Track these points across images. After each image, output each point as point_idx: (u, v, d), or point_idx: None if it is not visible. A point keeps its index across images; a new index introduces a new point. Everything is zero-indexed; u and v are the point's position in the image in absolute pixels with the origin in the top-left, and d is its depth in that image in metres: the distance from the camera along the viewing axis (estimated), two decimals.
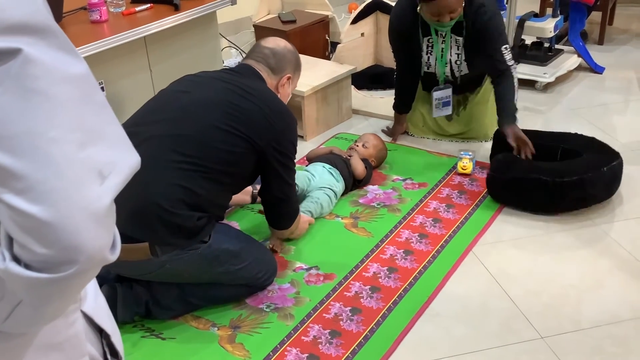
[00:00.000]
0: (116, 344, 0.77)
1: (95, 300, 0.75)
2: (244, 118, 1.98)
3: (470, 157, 2.84)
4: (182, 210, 1.87)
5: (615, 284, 2.17)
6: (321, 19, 3.93)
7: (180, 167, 1.89)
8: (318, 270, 2.29)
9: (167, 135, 1.94)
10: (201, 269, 1.97)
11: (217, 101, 1.99)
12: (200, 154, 1.91)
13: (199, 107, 1.97)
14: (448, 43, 2.86)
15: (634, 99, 3.53)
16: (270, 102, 2.06)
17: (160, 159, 1.89)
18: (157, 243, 1.84)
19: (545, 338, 1.95)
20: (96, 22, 2.47)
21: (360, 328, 2.01)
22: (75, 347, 0.68)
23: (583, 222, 2.48)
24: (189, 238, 1.88)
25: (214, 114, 1.96)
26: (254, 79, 2.12)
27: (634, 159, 2.89)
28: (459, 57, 2.88)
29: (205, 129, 1.94)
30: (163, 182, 1.87)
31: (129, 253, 1.82)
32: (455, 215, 2.56)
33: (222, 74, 2.15)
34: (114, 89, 2.42)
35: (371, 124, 3.37)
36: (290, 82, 2.24)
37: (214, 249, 1.95)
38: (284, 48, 2.22)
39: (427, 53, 2.94)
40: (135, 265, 1.89)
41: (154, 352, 1.97)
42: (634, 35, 4.46)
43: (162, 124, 1.96)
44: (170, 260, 1.88)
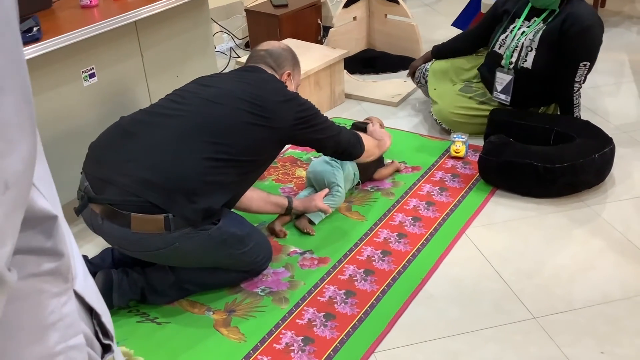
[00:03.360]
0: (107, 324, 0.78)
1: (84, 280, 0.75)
2: (264, 107, 2.05)
3: (463, 140, 2.84)
4: (207, 191, 1.91)
5: (607, 264, 2.18)
6: (313, 3, 3.92)
7: (211, 150, 1.94)
8: (312, 254, 2.30)
9: (200, 114, 2.00)
10: (207, 251, 1.98)
11: (238, 93, 2.07)
12: (229, 140, 1.97)
13: (225, 97, 2.05)
14: (532, 28, 2.77)
15: (626, 81, 3.54)
16: (278, 91, 2.15)
17: (193, 138, 1.95)
18: (175, 214, 1.86)
19: (537, 318, 1.97)
20: (86, 7, 2.45)
21: (355, 311, 2.03)
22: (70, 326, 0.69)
23: (575, 204, 2.49)
24: (203, 218, 1.91)
25: (239, 103, 2.03)
26: (261, 73, 2.22)
27: (626, 141, 2.90)
28: (531, 44, 2.74)
29: (232, 117, 2.00)
30: (194, 159, 1.92)
31: (144, 224, 1.85)
32: (448, 198, 2.57)
33: (234, 72, 2.25)
34: (105, 74, 2.41)
35: (364, 108, 3.37)
36: (291, 78, 2.31)
37: (223, 232, 1.97)
38: (278, 48, 2.33)
39: (509, 32, 2.85)
40: (145, 240, 1.89)
41: (149, 337, 1.98)
42: (626, 18, 4.46)
43: (194, 101, 2.05)
44: (180, 238, 1.89)
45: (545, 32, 2.72)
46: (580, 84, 2.73)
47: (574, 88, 2.73)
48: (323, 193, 2.42)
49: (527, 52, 2.76)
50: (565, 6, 2.71)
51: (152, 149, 1.93)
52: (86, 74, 2.35)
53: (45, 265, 0.64)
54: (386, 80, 3.65)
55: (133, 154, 1.93)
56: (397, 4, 3.80)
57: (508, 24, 2.86)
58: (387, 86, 3.55)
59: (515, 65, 2.80)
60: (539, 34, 2.73)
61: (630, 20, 4.40)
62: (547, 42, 2.71)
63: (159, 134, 1.96)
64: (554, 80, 2.76)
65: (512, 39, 2.82)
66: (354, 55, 3.86)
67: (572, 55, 2.69)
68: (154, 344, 1.96)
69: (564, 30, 2.67)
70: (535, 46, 2.74)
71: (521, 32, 2.80)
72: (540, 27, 2.75)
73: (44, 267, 0.64)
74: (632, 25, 4.32)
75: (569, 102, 2.77)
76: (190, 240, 1.91)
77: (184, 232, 1.89)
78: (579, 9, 2.68)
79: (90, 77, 2.37)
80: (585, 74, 2.71)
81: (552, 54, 2.72)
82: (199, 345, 1.94)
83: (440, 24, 4.36)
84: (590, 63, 2.71)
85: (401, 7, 3.79)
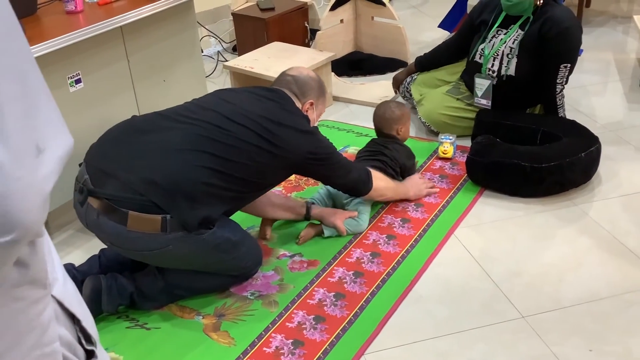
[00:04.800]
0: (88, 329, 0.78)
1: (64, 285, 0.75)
2: (277, 134, 2.05)
3: (451, 141, 2.85)
4: (210, 201, 1.93)
5: (595, 263, 2.20)
6: (300, 6, 3.92)
7: (216, 164, 1.94)
8: (302, 257, 2.30)
9: (212, 128, 1.99)
10: (200, 254, 1.97)
11: (254, 115, 2.06)
12: (234, 159, 1.97)
13: (240, 117, 2.04)
14: (510, 35, 2.78)
15: (612, 80, 3.57)
16: (297, 121, 2.15)
17: (201, 148, 1.95)
18: (174, 217, 1.86)
19: (526, 317, 1.98)
20: (71, 12, 2.44)
21: (344, 313, 2.03)
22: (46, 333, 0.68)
23: (563, 203, 2.51)
24: (200, 224, 1.92)
25: (251, 125, 2.03)
26: (283, 100, 2.21)
27: (612, 139, 2.92)
28: (511, 51, 2.76)
29: (241, 138, 2.00)
30: (201, 169, 1.92)
31: (140, 223, 1.85)
32: (436, 199, 2.57)
33: (258, 92, 2.21)
34: (91, 79, 2.40)
35: (352, 111, 3.37)
36: (314, 107, 2.31)
37: (217, 237, 1.97)
38: (306, 76, 2.32)
39: (488, 41, 2.85)
40: (139, 240, 1.89)
41: (139, 343, 1.97)
42: (611, 17, 4.49)
43: (210, 114, 2.04)
44: (174, 240, 1.89)
45: (525, 38, 2.73)
46: (563, 85, 2.75)
47: (556, 90, 2.75)
48: (348, 214, 2.40)
49: (509, 59, 2.77)
50: (542, 10, 2.73)
51: (161, 151, 1.93)
52: (72, 80, 2.34)
53: (23, 272, 0.64)
54: (374, 82, 3.66)
55: (141, 152, 1.93)
56: (383, 6, 3.81)
57: (487, 33, 2.88)
58: (374, 88, 3.56)
59: (498, 73, 2.81)
60: (518, 41, 2.75)
61: (615, 20, 4.43)
62: (527, 48, 2.73)
63: (170, 138, 1.96)
64: (537, 84, 2.78)
65: (490, 48, 2.83)
66: (341, 58, 3.86)
67: (552, 58, 2.71)
68: (144, 349, 1.95)
69: (543, 34, 2.69)
70: (516, 53, 2.75)
71: (499, 39, 2.81)
72: (518, 33, 2.76)
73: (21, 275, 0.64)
74: (617, 24, 4.35)
75: (552, 104, 2.79)
76: (184, 243, 1.90)
77: (178, 235, 1.88)
78: (556, 12, 2.71)
79: (76, 83, 2.36)
80: (566, 75, 2.73)
81: (534, 59, 2.74)
82: (188, 351, 1.93)
83: (427, 26, 4.38)
84: (571, 64, 2.73)
85: (388, 9, 3.80)
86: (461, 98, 2.99)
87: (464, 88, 3.01)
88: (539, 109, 2.94)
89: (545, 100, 2.81)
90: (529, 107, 2.92)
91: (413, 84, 3.21)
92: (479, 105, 2.91)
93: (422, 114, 3.04)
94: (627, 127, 3.05)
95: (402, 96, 3.30)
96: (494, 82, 2.82)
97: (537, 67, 2.74)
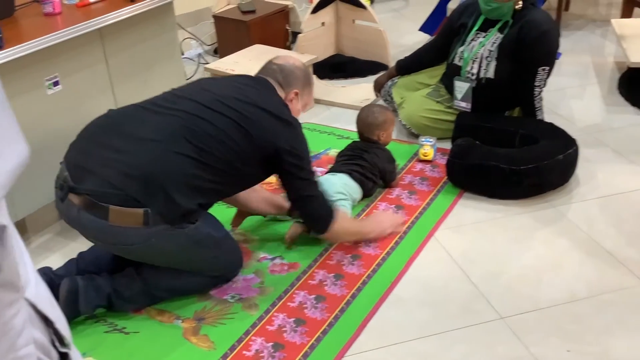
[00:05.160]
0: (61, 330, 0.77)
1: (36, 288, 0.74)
2: (255, 122, 2.02)
3: (431, 143, 2.87)
4: (187, 192, 1.91)
5: (572, 264, 2.22)
6: (281, 8, 3.93)
7: (194, 154, 1.93)
8: (282, 260, 2.30)
9: (190, 117, 1.97)
10: (181, 250, 1.97)
11: (233, 103, 2.04)
12: (211, 148, 1.95)
13: (218, 105, 2.01)
14: (489, 38, 2.80)
15: (590, 83, 3.61)
16: (276, 108, 2.11)
17: (179, 139, 1.93)
18: (153, 210, 1.86)
19: (505, 318, 1.99)
20: (49, 14, 2.42)
21: (325, 315, 2.03)
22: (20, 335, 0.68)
23: (541, 205, 2.53)
24: (182, 216, 1.91)
25: (229, 113, 2.01)
26: (265, 89, 2.18)
27: (590, 142, 2.95)
28: (490, 54, 2.78)
29: (219, 126, 1.98)
30: (179, 159, 1.91)
31: (122, 217, 1.85)
32: (417, 202, 2.58)
33: (240, 80, 2.19)
34: (70, 82, 2.38)
35: (334, 113, 3.38)
36: (298, 97, 2.26)
37: (199, 232, 1.97)
38: (292, 65, 2.27)
39: (467, 44, 2.87)
40: (121, 234, 1.88)
41: (117, 347, 1.95)
42: (589, 21, 4.54)
43: (187, 103, 2.02)
44: (157, 234, 1.89)
45: (504, 42, 2.76)
46: (541, 88, 2.78)
47: (534, 92, 2.77)
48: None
49: (488, 62, 2.80)
50: (521, 14, 2.75)
51: (137, 144, 1.92)
52: (50, 82, 2.32)
53: None
54: (355, 85, 3.67)
55: (119, 146, 1.92)
56: (364, 10, 3.82)
57: (466, 36, 2.90)
58: (356, 91, 3.57)
59: (477, 76, 2.83)
60: (497, 44, 2.77)
61: (594, 24, 4.48)
62: (506, 51, 2.76)
63: (146, 129, 1.95)
64: (515, 87, 2.80)
65: (469, 51, 2.85)
66: (322, 61, 3.87)
67: (531, 61, 2.73)
68: (122, 354, 1.93)
69: (521, 37, 2.72)
70: (495, 56, 2.77)
71: (478, 42, 2.83)
72: (497, 37, 2.79)
73: None
74: (595, 28, 4.41)
75: (531, 106, 2.81)
76: (166, 237, 1.90)
77: (160, 229, 1.88)
78: (534, 16, 2.73)
79: (54, 85, 2.34)
80: (545, 78, 2.76)
81: (513, 62, 2.76)
82: (167, 355, 1.92)
83: (408, 29, 4.40)
84: (550, 67, 2.76)
85: (369, 12, 3.82)
86: (441, 101, 3.00)
87: (443, 91, 3.03)
88: (517, 112, 2.96)
89: (524, 103, 2.84)
90: (508, 109, 2.94)
91: (394, 87, 3.22)
92: (458, 108, 2.93)
93: (402, 116, 3.06)
94: (605, 129, 3.09)
95: (384, 99, 3.32)
96: (473, 85, 2.84)
97: (515, 70, 2.77)
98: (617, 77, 3.62)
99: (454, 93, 2.92)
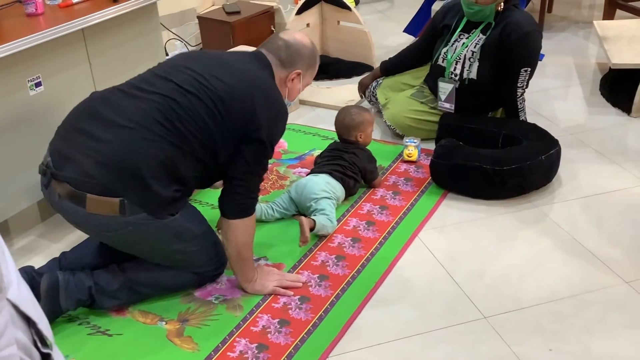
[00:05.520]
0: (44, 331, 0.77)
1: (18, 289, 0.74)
2: (232, 110, 1.95)
3: (415, 144, 2.88)
4: (162, 178, 1.89)
5: (555, 264, 2.24)
6: (266, 9, 3.92)
7: (169, 139, 1.90)
8: (267, 261, 2.30)
9: (166, 98, 1.93)
10: (160, 240, 1.96)
11: (211, 83, 1.96)
12: (186, 132, 1.91)
13: (193, 86, 1.95)
14: (472, 39, 2.81)
15: (573, 85, 3.64)
16: (262, 95, 2.00)
17: (153, 121, 1.90)
18: (129, 201, 1.85)
19: (487, 318, 2.00)
20: (32, 15, 2.40)
21: (309, 316, 2.03)
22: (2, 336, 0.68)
23: (524, 205, 2.55)
24: (159, 205, 1.90)
25: (204, 94, 1.94)
26: (259, 69, 2.06)
27: (572, 143, 2.98)
28: (473, 55, 2.80)
29: (192, 108, 1.93)
30: (152, 145, 1.88)
31: (99, 205, 1.85)
32: (401, 202, 2.59)
33: (233, 57, 2.09)
34: (52, 83, 2.36)
35: (318, 114, 3.38)
36: (300, 77, 2.15)
37: (179, 224, 1.96)
38: (299, 42, 2.13)
39: (450, 45, 2.88)
40: (99, 221, 1.89)
41: (100, 349, 1.94)
42: (572, 22, 4.59)
43: (164, 84, 1.96)
44: (135, 223, 1.88)
45: (486, 43, 2.78)
46: (523, 89, 2.80)
47: (517, 93, 2.80)
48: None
49: (471, 63, 2.81)
50: (503, 15, 2.77)
51: (113, 131, 1.90)
52: (32, 83, 2.31)
53: None
54: (340, 86, 3.68)
55: (96, 133, 1.91)
56: (349, 11, 3.83)
57: (449, 37, 2.92)
58: (341, 92, 3.58)
59: (460, 77, 2.85)
60: (480, 45, 2.79)
61: (577, 25, 4.53)
62: (488, 52, 2.78)
63: (122, 116, 1.91)
64: (498, 87, 2.82)
65: (452, 52, 2.87)
66: None
67: (513, 62, 2.75)
68: (106, 356, 1.92)
69: (503, 38, 2.74)
70: (478, 57, 2.79)
71: (461, 43, 2.85)
72: (480, 38, 2.81)
73: None
74: (578, 30, 4.45)
75: (513, 107, 2.84)
76: (144, 226, 1.90)
77: (139, 218, 1.88)
78: (516, 17, 2.75)
79: (36, 86, 2.32)
80: (527, 79, 2.78)
81: (495, 63, 2.78)
82: (151, 357, 1.91)
83: (392, 31, 4.42)
84: (531, 68, 2.78)
85: (353, 13, 3.83)
86: (425, 101, 3.02)
87: (427, 92, 3.04)
88: (500, 113, 2.98)
89: (507, 104, 2.86)
90: (491, 110, 2.96)
91: (379, 88, 3.23)
92: (442, 109, 2.95)
93: (387, 117, 3.07)
94: (587, 130, 3.12)
95: (368, 100, 3.33)
96: (457, 86, 2.86)
97: (498, 71, 2.79)
98: (599, 78, 3.66)
99: (438, 94, 2.94)
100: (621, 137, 3.06)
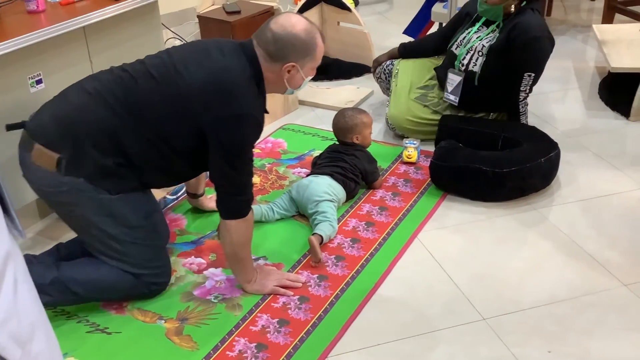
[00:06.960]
0: None
1: None
2: (189, 107, 1.93)
3: (415, 146, 2.88)
4: (102, 145, 1.93)
5: (554, 266, 2.24)
6: (266, 9, 3.92)
7: (123, 111, 1.95)
8: (266, 260, 2.29)
9: (132, 77, 1.99)
10: (93, 215, 1.96)
11: (179, 73, 1.95)
12: (142, 116, 1.95)
13: (160, 73, 1.98)
14: (486, 34, 2.82)
15: (571, 88, 3.65)
16: (226, 88, 1.92)
17: (111, 94, 1.96)
18: (65, 159, 1.91)
19: (487, 319, 2.00)
20: (33, 12, 2.40)
21: (308, 316, 2.03)
22: None
23: (523, 207, 2.55)
24: (96, 173, 1.93)
25: (167, 82, 1.96)
26: (240, 61, 1.97)
27: (571, 145, 2.98)
28: (482, 49, 2.80)
29: (152, 94, 1.96)
30: (102, 112, 1.94)
31: (41, 156, 1.93)
32: (401, 203, 2.60)
33: (223, 47, 2.01)
34: (53, 80, 2.36)
35: (318, 115, 3.38)
36: (297, 69, 2.00)
37: (114, 205, 1.97)
38: (289, 33, 1.94)
39: (468, 34, 2.90)
40: (39, 172, 1.95)
41: (99, 347, 1.94)
42: (571, 26, 4.60)
43: (138, 66, 2.03)
44: (70, 185, 1.93)
45: (496, 41, 2.78)
46: (526, 93, 2.80)
47: (519, 97, 2.80)
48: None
49: (479, 56, 2.82)
50: (514, 17, 2.77)
51: (82, 95, 1.98)
52: (33, 80, 2.30)
53: None
54: (339, 86, 3.68)
55: (69, 97, 2.01)
56: (349, 12, 3.83)
57: (469, 26, 2.93)
58: (340, 92, 3.58)
59: (466, 67, 2.86)
60: (490, 42, 2.80)
61: (576, 29, 4.54)
62: (496, 50, 2.78)
63: (95, 86, 1.99)
64: (500, 87, 2.83)
65: (467, 42, 2.88)
66: None
67: (517, 65, 2.75)
68: (104, 354, 1.92)
69: (511, 39, 2.74)
70: (486, 52, 2.80)
71: (477, 36, 2.86)
72: (494, 34, 2.81)
73: None
74: (577, 33, 4.46)
75: (515, 111, 2.84)
76: (78, 193, 1.94)
77: (75, 182, 1.92)
78: (527, 20, 2.73)
79: (37, 84, 2.32)
80: (530, 84, 2.78)
81: (500, 61, 2.78)
82: (150, 355, 1.91)
83: (392, 32, 4.42)
84: (535, 74, 2.77)
85: (353, 14, 3.83)
86: (428, 105, 3.02)
87: (431, 95, 3.04)
88: (502, 115, 2.98)
89: (509, 106, 2.86)
90: (493, 111, 2.96)
91: (400, 67, 3.18)
92: (447, 100, 2.95)
93: (390, 117, 3.07)
94: (586, 133, 3.13)
95: (377, 77, 3.32)
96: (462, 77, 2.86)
97: (502, 71, 2.79)
98: (598, 81, 3.67)
99: (446, 85, 2.94)
100: (620, 140, 3.07)
